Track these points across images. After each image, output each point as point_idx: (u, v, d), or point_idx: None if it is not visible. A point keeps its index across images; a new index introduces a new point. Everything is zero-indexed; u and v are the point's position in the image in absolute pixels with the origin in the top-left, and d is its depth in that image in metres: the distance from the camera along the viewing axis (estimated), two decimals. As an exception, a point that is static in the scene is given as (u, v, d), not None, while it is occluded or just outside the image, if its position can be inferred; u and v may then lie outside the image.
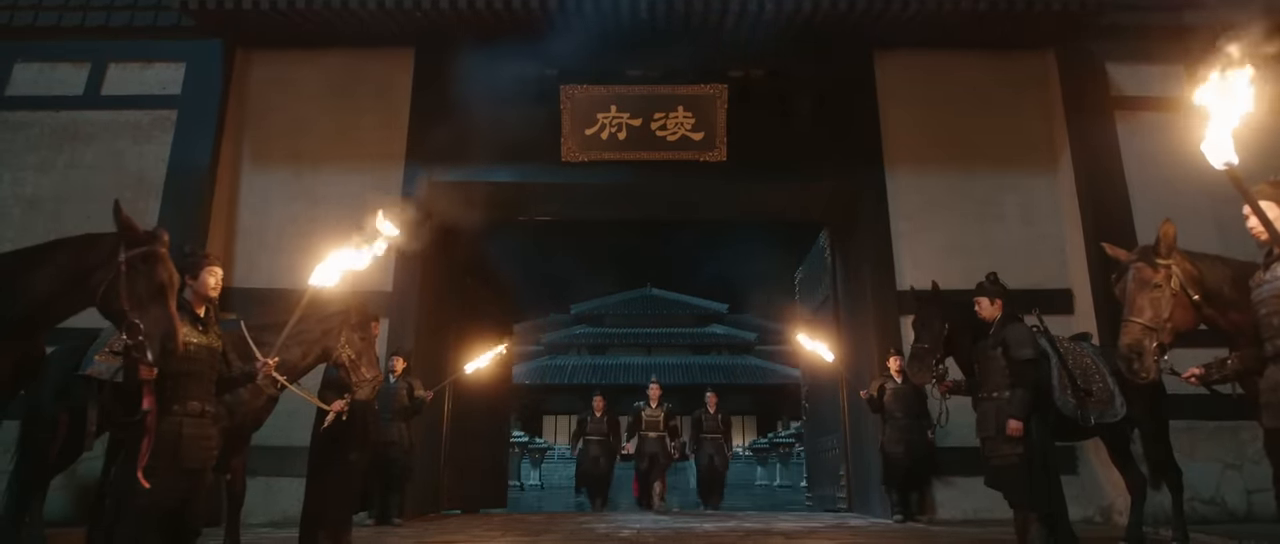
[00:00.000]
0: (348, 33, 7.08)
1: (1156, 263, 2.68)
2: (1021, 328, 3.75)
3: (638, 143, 7.05)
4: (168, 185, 6.76)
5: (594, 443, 8.61)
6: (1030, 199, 7.13)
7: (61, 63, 7.21)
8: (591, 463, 8.55)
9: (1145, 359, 2.58)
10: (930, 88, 7.33)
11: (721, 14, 6.66)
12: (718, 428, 8.80)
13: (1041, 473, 3.54)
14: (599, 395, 8.99)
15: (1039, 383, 3.67)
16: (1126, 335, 2.64)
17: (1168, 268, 2.66)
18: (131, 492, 2.44)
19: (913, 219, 6.99)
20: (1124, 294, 2.73)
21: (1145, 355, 2.58)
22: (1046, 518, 3.52)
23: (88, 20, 7.24)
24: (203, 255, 2.96)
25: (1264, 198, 2.45)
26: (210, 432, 2.74)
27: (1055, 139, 7.24)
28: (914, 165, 7.16)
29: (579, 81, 7.05)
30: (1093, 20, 6.88)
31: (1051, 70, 7.35)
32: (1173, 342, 2.65)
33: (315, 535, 3.76)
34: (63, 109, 7.07)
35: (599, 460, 8.53)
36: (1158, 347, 2.60)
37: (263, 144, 7.26)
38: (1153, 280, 2.64)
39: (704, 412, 8.92)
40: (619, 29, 6.64)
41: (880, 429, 6.22)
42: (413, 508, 6.36)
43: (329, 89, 7.34)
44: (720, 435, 8.81)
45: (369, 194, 7.02)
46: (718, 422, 8.84)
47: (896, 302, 6.68)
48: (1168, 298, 2.61)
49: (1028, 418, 3.54)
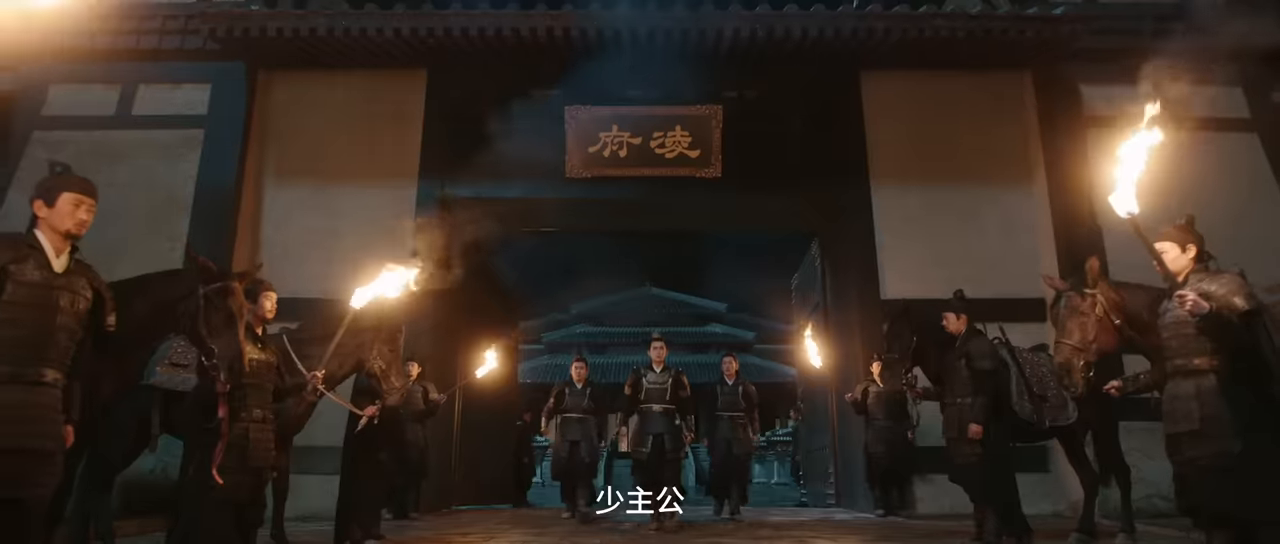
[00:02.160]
0: (363, 56, 7.50)
1: (1084, 292, 3.12)
2: (983, 341, 4.19)
3: (638, 160, 7.48)
4: (196, 201, 7.19)
5: (573, 422, 6.64)
6: (1007, 212, 7.55)
7: (94, 84, 7.63)
8: (569, 449, 6.59)
9: (1073, 375, 3.02)
10: (913, 106, 7.75)
11: (716, 40, 7.09)
12: (738, 403, 6.82)
13: (998, 471, 3.99)
14: (580, 359, 7.02)
15: (998, 391, 4.11)
16: (1058, 355, 3.10)
17: (1094, 296, 3.10)
18: (208, 487, 2.88)
19: (896, 231, 7.42)
20: (1057, 319, 3.18)
21: (1073, 372, 3.03)
22: (1001, 510, 3.96)
23: (118, 44, 7.67)
24: (260, 282, 3.39)
25: (1167, 239, 2.88)
26: (270, 435, 3.19)
27: (1031, 155, 7.67)
28: (898, 180, 7.59)
29: (582, 102, 7.48)
30: (1065, 45, 7.30)
31: (1028, 90, 7.78)
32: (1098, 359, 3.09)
33: (350, 527, 4.20)
34: (96, 129, 7.50)
35: (579, 446, 6.58)
36: (1085, 364, 3.05)
37: (284, 161, 7.69)
38: (1080, 307, 3.09)
39: (721, 382, 6.94)
40: (620, 53, 7.08)
41: (864, 430, 6.66)
42: (427, 503, 6.81)
43: (346, 108, 7.77)
44: (742, 413, 6.81)
45: (385, 209, 7.48)
46: (738, 394, 6.84)
47: (881, 309, 7.09)
48: (1093, 322, 3.05)
49: (987, 422, 3.98)
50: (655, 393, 5.92)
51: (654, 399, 5.92)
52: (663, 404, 5.88)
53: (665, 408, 5.87)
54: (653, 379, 5.99)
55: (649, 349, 6.20)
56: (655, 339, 6.32)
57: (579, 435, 6.63)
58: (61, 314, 2.21)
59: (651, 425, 5.83)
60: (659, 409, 5.87)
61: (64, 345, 2.23)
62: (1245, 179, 7.40)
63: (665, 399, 5.90)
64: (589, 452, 6.67)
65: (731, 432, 6.78)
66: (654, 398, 5.92)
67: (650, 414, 5.88)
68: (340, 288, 6.49)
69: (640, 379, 6.00)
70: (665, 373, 6.04)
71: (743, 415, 6.80)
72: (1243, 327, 2.49)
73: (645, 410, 5.90)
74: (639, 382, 5.98)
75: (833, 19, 7.04)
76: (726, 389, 6.86)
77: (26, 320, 2.14)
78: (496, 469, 9.17)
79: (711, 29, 6.97)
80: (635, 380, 6.01)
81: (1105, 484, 4.64)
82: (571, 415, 6.66)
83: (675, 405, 5.91)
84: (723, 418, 6.82)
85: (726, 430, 6.81)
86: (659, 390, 5.93)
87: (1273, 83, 7.78)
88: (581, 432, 6.65)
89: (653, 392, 5.93)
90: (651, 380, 5.98)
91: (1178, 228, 2.91)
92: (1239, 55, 7.73)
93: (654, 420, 5.84)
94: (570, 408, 6.65)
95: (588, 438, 6.69)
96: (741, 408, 6.80)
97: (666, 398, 5.90)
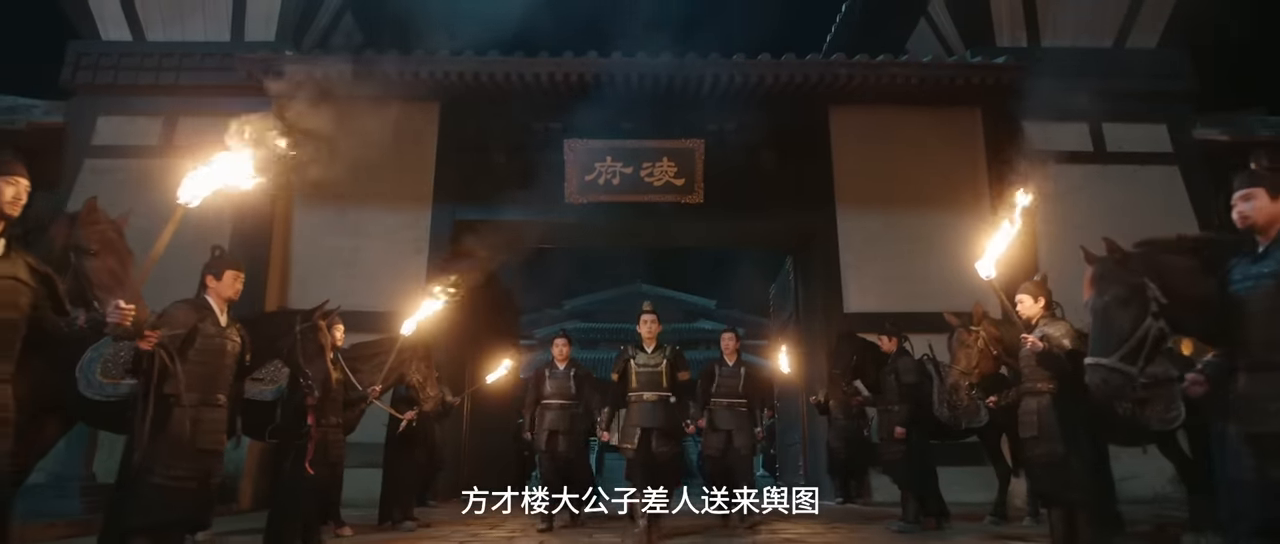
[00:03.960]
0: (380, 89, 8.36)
1: (970, 328, 4.07)
2: (909, 359, 5.15)
3: (629, 187, 8.38)
4: (235, 225, 8.04)
5: (554, 411, 5.50)
6: (957, 236, 8.33)
7: (139, 116, 8.47)
8: (548, 442, 5.41)
9: (959, 395, 3.99)
10: (876, 139, 8.68)
11: (698, 84, 8.00)
12: (738, 389, 5.55)
13: (918, 464, 4.95)
14: (563, 336, 5.98)
15: (919, 400, 5.06)
16: (949, 377, 4.07)
17: (978, 332, 4.05)
18: (302, 479, 3.79)
19: (858, 252, 8.36)
20: (950, 349, 4.13)
21: (959, 391, 3.99)
22: (919, 496, 4.93)
23: (160, 79, 8.49)
24: (332, 314, 4.28)
25: (1025, 292, 3.83)
26: (342, 437, 4.10)
27: (980, 184, 8.63)
28: (860, 206, 8.53)
29: (580, 136, 8.38)
30: (1009, 88, 8.25)
31: (979, 126, 8.74)
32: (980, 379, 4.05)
33: (392, 509, 5.12)
34: (141, 158, 8.32)
35: (559, 439, 5.43)
36: (970, 384, 4.00)
37: (310, 186, 8.54)
38: (967, 341, 4.04)
39: (719, 364, 5.69)
40: (614, 94, 7.97)
41: (827, 428, 7.62)
42: (443, 492, 7.72)
43: (366, 137, 8.62)
44: (744, 400, 5.54)
45: (403, 229, 8.38)
46: (740, 377, 5.59)
47: (844, 321, 8.05)
48: (976, 352, 3.99)
49: (909, 425, 4.94)
50: (648, 378, 4.95)
51: (647, 386, 4.93)
52: (657, 392, 4.90)
53: (660, 396, 4.90)
54: (644, 361, 5.00)
55: (637, 323, 5.15)
56: (645, 310, 5.22)
57: (561, 425, 5.43)
58: (226, 357, 3.12)
59: (643, 417, 4.88)
60: (653, 398, 4.90)
61: (227, 379, 3.13)
62: (1165, 207, 8.38)
63: (660, 385, 4.92)
64: (572, 445, 5.50)
65: (732, 421, 5.44)
66: (647, 384, 4.93)
67: (642, 404, 4.91)
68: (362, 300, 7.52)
69: (629, 362, 5.02)
70: (659, 353, 5.03)
71: (745, 403, 5.51)
72: (1067, 359, 3.42)
73: (635, 399, 4.93)
74: (628, 366, 5.02)
75: (801, 67, 7.97)
76: (726, 371, 5.57)
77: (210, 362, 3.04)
78: (501, 461, 10.08)
79: (694, 75, 7.88)
80: (623, 365, 5.05)
81: (1016, 475, 5.61)
82: (552, 402, 5.51)
83: (672, 392, 4.95)
84: (721, 405, 5.48)
85: (726, 419, 5.45)
86: (652, 374, 4.95)
87: (1193, 121, 8.76)
88: (564, 421, 5.46)
89: (644, 376, 4.95)
90: (643, 362, 4.99)
91: (1033, 283, 3.85)
92: (1163, 97, 8.76)
93: (646, 411, 4.89)
94: (551, 393, 5.54)
95: (572, 428, 5.52)
96: (743, 394, 5.53)
97: (662, 384, 4.92)
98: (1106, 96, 8.55)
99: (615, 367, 5.15)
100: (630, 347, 5.16)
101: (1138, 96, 8.60)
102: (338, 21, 9.70)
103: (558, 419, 5.48)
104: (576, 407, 5.59)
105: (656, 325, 5.14)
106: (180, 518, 2.89)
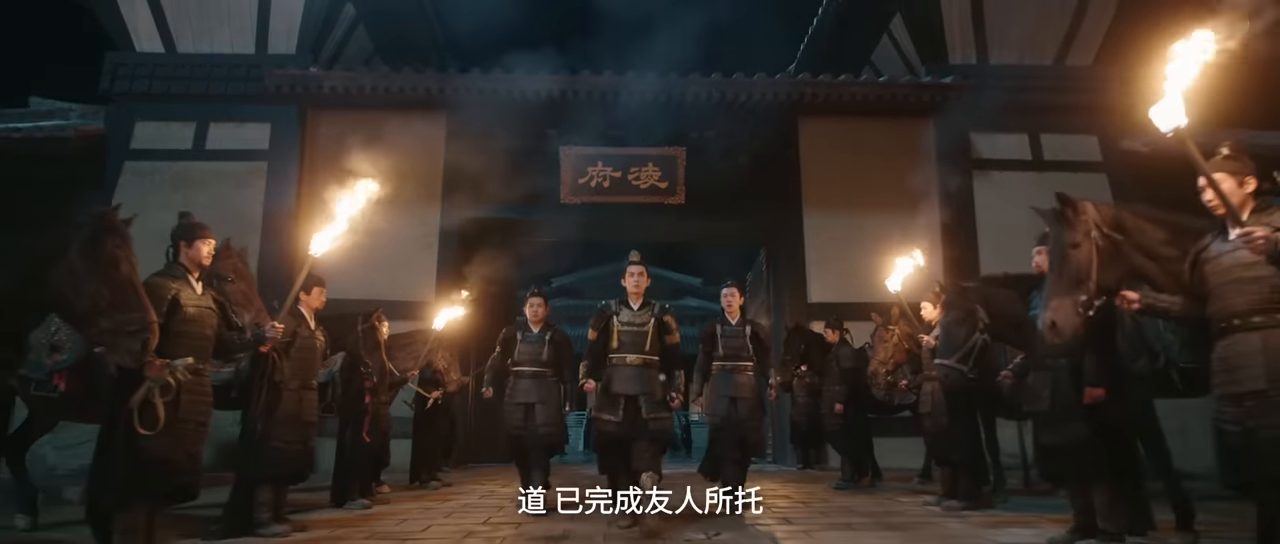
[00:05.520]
0: (394, 100, 9.26)
1: (888, 327, 5.14)
2: (849, 348, 6.25)
3: (618, 190, 9.37)
4: (264, 222, 8.97)
5: (526, 379, 4.93)
6: (910, 236, 9.48)
7: (173, 122, 9.31)
8: (522, 416, 4.86)
9: (878, 380, 5.07)
10: (839, 147, 9.69)
11: (681, 98, 8.96)
12: (744, 350, 4.93)
13: (855, 435, 6.06)
14: (537, 293, 5.31)
15: (857, 381, 6.15)
16: (869, 367, 5.15)
17: (894, 330, 5.12)
18: (360, 445, 4.82)
19: (821, 250, 9.41)
20: (871, 343, 5.21)
21: (878, 377, 5.07)
22: (855, 460, 6.05)
23: (192, 89, 9.32)
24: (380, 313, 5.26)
25: (927, 301, 4.89)
26: (388, 413, 5.13)
27: (930, 189, 9.67)
28: (824, 207, 9.56)
29: (574, 143, 9.33)
30: (954, 104, 9.27)
31: (929, 136, 9.75)
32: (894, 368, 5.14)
33: (420, 472, 6.19)
34: (176, 160, 9.20)
35: (535, 411, 4.84)
36: (887, 372, 5.08)
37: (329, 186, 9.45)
38: (884, 337, 5.11)
39: (720, 322, 5.09)
40: (604, 107, 8.93)
41: (790, 406, 8.73)
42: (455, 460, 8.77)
43: (380, 142, 9.50)
44: (749, 362, 4.93)
45: (413, 226, 9.33)
46: (744, 337, 4.96)
47: (806, 311, 9.14)
48: (892, 347, 5.07)
49: (847, 402, 6.04)
50: (631, 339, 4.33)
51: (630, 347, 4.31)
52: (642, 355, 4.29)
53: (645, 360, 4.29)
54: (629, 319, 4.38)
55: (623, 276, 4.51)
56: (633, 261, 4.56)
57: (535, 396, 4.83)
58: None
59: (624, 383, 4.24)
60: (636, 361, 4.28)
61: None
62: (1093, 210, 9.48)
63: (645, 348, 4.31)
64: (550, 419, 4.88)
65: (738, 386, 4.82)
66: (630, 345, 4.32)
67: (623, 369, 4.28)
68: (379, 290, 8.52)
69: (610, 320, 4.38)
70: (646, 310, 4.42)
71: (750, 366, 4.91)
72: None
73: (618, 362, 4.31)
74: (608, 324, 4.38)
75: (772, 84, 8.95)
76: (729, 331, 4.97)
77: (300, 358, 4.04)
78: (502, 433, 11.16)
79: (676, 91, 8.85)
80: (603, 321, 4.40)
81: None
82: (525, 369, 4.94)
83: (659, 357, 4.32)
84: (725, 369, 4.88)
85: (728, 385, 4.82)
86: (637, 335, 4.33)
87: (1121, 133, 9.83)
88: (539, 390, 4.86)
89: (628, 337, 4.33)
90: (627, 320, 4.37)
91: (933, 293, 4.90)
92: (1095, 111, 9.81)
93: (628, 376, 4.25)
94: (524, 359, 4.95)
95: (548, 398, 4.88)
96: (749, 356, 4.92)
97: (647, 346, 4.31)
98: (1045, 110, 9.63)
99: (594, 324, 4.39)
100: (614, 302, 4.45)
101: (1073, 110, 9.65)
102: (351, 34, 10.53)
103: (532, 389, 4.82)
104: (551, 376, 4.93)
105: (645, 279, 4.45)
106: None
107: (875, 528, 4.04)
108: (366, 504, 4.79)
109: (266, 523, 3.73)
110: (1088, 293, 2.62)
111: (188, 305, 3.18)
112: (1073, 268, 2.66)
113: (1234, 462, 2.37)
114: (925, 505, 4.75)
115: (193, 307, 3.21)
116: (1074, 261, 2.66)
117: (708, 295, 38.52)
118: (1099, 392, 2.89)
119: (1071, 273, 2.66)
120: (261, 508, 3.75)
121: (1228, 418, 2.42)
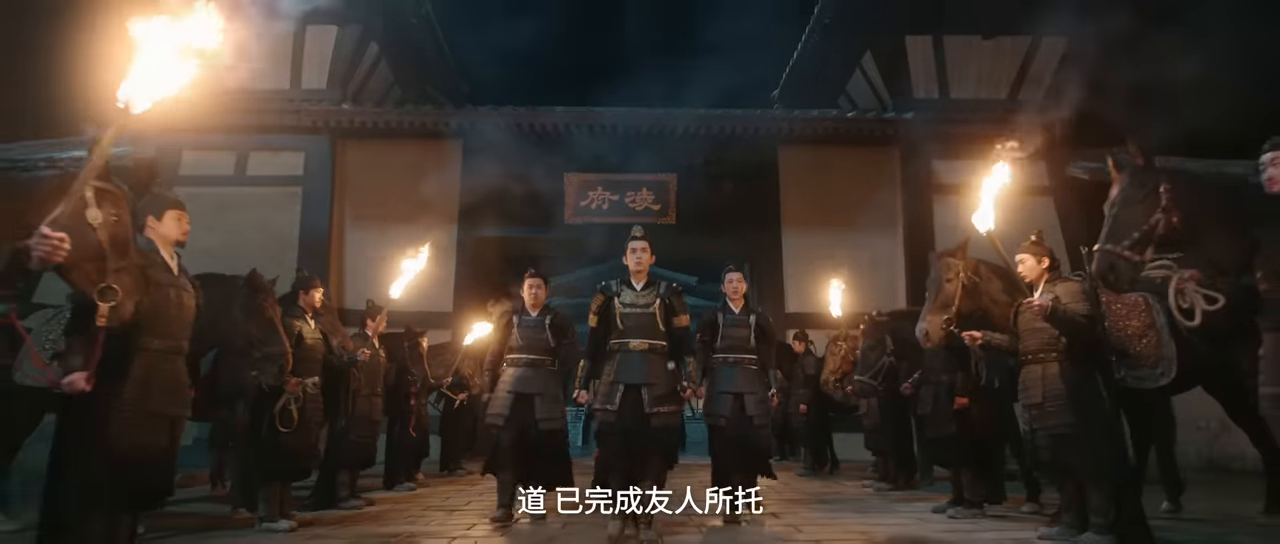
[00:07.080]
0: (415, 132, 10.34)
1: (837, 341, 6.26)
2: (812, 357, 7.36)
3: (615, 211, 10.45)
4: (301, 242, 10.03)
5: (522, 367, 4.45)
6: (878, 254, 10.68)
7: (216, 151, 10.37)
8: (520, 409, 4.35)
9: (830, 386, 6.19)
10: (816, 172, 10.77)
11: (672, 130, 10.06)
12: (749, 341, 4.52)
13: (815, 430, 7.18)
14: (534, 275, 4.84)
15: (818, 386, 7.26)
16: (823, 375, 6.27)
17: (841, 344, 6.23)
18: (406, 438, 5.92)
19: (799, 266, 10.51)
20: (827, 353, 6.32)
21: (830, 384, 6.19)
22: (816, 453, 7.18)
23: (232, 120, 10.38)
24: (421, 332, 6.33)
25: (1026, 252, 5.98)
26: (427, 413, 6.23)
27: (896, 211, 10.78)
28: (802, 227, 10.67)
29: (576, 170, 10.41)
30: (917, 135, 10.37)
31: (896, 162, 10.86)
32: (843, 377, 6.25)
33: (448, 464, 7.30)
34: (219, 186, 10.26)
35: (536, 403, 4.36)
36: (838, 380, 6.20)
37: (357, 209, 10.54)
38: (834, 350, 6.22)
39: (723, 310, 4.66)
40: (604, 138, 10.01)
41: (768, 404, 9.84)
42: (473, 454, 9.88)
43: (402, 168, 10.60)
44: (755, 356, 4.52)
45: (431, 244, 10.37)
46: (749, 328, 4.54)
47: (784, 321, 10.24)
48: (839, 359, 6.18)
49: (810, 403, 7.16)
50: (636, 322, 3.93)
51: (635, 331, 3.91)
52: (648, 340, 3.89)
53: (651, 345, 3.89)
54: (631, 300, 3.97)
55: (625, 254, 4.12)
56: (635, 237, 4.15)
57: (533, 386, 4.37)
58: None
59: (626, 371, 3.85)
60: (641, 347, 3.88)
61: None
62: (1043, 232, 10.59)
63: (651, 332, 3.91)
64: (550, 413, 4.37)
65: (742, 381, 4.37)
66: (635, 329, 3.92)
67: (627, 355, 3.89)
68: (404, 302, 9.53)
69: (612, 302, 3.98)
70: (650, 290, 4.01)
71: (756, 359, 4.49)
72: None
73: (619, 348, 3.92)
74: (610, 307, 3.99)
75: (756, 119, 10.05)
76: (731, 320, 4.53)
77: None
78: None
79: (669, 125, 9.94)
80: (604, 306, 4.01)
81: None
82: (521, 356, 4.45)
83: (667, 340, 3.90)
84: (727, 362, 4.43)
85: (732, 380, 4.36)
86: (642, 318, 3.92)
87: (1068, 159, 10.93)
88: (537, 381, 4.40)
89: (632, 320, 3.93)
90: (629, 302, 3.97)
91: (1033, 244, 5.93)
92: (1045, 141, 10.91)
93: (631, 364, 3.86)
94: (521, 345, 4.47)
95: (547, 390, 4.41)
96: (754, 348, 4.49)
97: (653, 330, 3.91)
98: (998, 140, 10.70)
99: (595, 305, 4.01)
100: (615, 282, 4.04)
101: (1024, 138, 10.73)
102: (375, 68, 11.58)
103: (528, 379, 4.33)
104: (551, 365, 4.45)
105: (649, 256, 4.06)
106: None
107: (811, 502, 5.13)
108: (412, 486, 5.89)
109: (345, 499, 4.83)
110: (950, 315, 3.77)
111: (307, 338, 4.23)
112: (943, 297, 3.81)
113: (1029, 450, 3.52)
114: (861, 487, 5.89)
115: (310, 338, 4.28)
116: (945, 293, 3.81)
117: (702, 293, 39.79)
118: (964, 400, 4.01)
119: (942, 300, 3.81)
120: (340, 487, 4.84)
121: (1024, 421, 3.49)
